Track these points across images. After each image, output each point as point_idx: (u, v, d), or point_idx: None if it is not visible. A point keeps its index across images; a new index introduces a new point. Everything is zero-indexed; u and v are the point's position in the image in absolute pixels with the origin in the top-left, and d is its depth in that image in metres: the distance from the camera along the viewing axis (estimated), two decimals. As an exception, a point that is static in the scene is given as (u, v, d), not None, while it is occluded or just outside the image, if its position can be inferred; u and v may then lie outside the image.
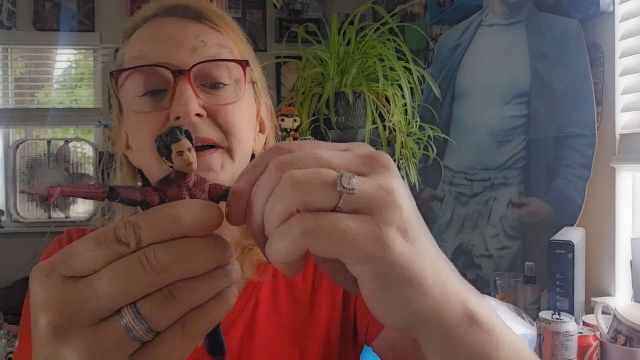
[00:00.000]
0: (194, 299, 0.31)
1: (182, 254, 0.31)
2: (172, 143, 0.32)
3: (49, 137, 3.69)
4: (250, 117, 0.66)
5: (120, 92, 0.63)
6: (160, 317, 0.31)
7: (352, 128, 1.69)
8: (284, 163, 0.32)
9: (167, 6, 0.65)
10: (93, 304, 0.30)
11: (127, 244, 0.31)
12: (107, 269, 0.30)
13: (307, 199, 0.31)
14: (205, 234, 0.32)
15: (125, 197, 0.32)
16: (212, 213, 0.32)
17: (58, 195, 0.30)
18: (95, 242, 0.31)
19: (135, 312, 0.30)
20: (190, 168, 0.33)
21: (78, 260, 0.31)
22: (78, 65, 3.78)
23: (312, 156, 0.33)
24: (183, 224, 0.31)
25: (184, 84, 0.58)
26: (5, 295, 3.15)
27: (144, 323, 0.30)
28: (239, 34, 0.68)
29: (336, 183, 0.31)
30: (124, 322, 0.30)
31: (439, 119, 2.13)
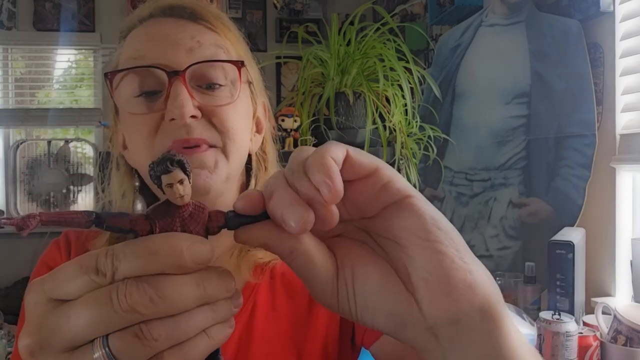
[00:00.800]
0: (167, 339, 0.29)
1: (153, 292, 0.28)
2: (162, 174, 0.30)
3: (49, 137, 3.69)
4: (246, 118, 0.66)
5: (115, 93, 0.63)
6: (129, 354, 0.29)
7: (352, 128, 1.69)
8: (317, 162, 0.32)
9: (163, 6, 0.65)
10: (65, 332, 0.29)
11: (104, 274, 0.29)
12: (82, 298, 0.29)
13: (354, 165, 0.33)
14: (188, 271, 0.30)
15: (112, 225, 0.30)
16: (197, 250, 0.30)
17: (35, 225, 0.29)
18: (78, 268, 0.30)
19: (106, 346, 0.29)
20: (181, 200, 0.31)
21: (60, 284, 0.30)
22: (78, 65, 3.78)
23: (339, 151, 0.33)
24: (160, 260, 0.29)
25: (178, 84, 0.57)
26: (5, 295, 3.15)
27: (112, 356, 0.29)
28: (235, 34, 0.67)
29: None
30: (95, 354, 0.29)
31: (439, 119, 2.13)
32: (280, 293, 0.68)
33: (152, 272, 0.29)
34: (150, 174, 0.31)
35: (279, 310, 0.67)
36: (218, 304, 0.31)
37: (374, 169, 0.33)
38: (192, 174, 0.32)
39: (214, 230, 0.32)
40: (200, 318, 0.30)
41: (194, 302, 0.30)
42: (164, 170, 0.30)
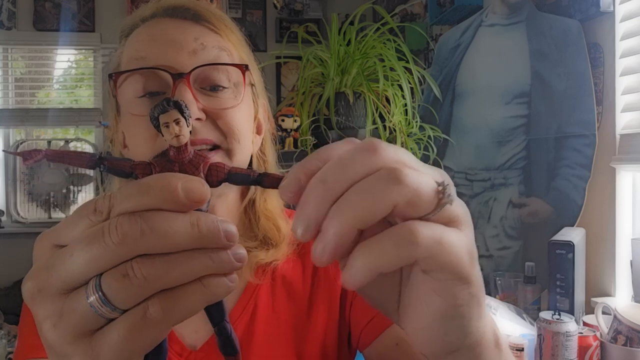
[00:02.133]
0: (156, 278, 0.28)
1: (145, 224, 0.28)
2: (160, 114, 0.30)
3: (49, 137, 3.69)
4: (248, 120, 0.66)
5: (118, 93, 0.63)
6: (118, 294, 0.28)
7: (352, 128, 1.69)
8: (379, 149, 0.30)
9: (166, 7, 0.65)
10: (60, 271, 0.29)
11: (100, 212, 0.29)
12: (77, 238, 0.29)
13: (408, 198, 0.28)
14: (182, 209, 0.29)
15: (113, 166, 0.31)
16: (192, 186, 0.29)
17: (41, 158, 0.29)
18: (78, 212, 0.30)
19: (99, 290, 0.29)
20: (178, 140, 0.31)
21: (63, 228, 0.30)
22: (78, 65, 3.78)
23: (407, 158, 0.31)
24: (154, 195, 0.28)
25: (183, 87, 0.58)
26: (5, 295, 3.15)
27: (107, 301, 0.29)
28: (238, 36, 0.67)
29: (439, 190, 0.29)
30: (89, 298, 0.29)
31: (439, 119, 2.13)
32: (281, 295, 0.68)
33: (146, 207, 0.29)
34: (149, 116, 0.31)
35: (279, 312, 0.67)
36: (216, 252, 0.30)
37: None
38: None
39: (214, 183, 0.32)
40: (194, 262, 0.29)
41: (187, 242, 0.29)
42: (162, 110, 0.30)
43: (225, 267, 0.30)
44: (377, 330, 0.66)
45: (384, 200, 0.28)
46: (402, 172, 0.28)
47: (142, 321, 0.29)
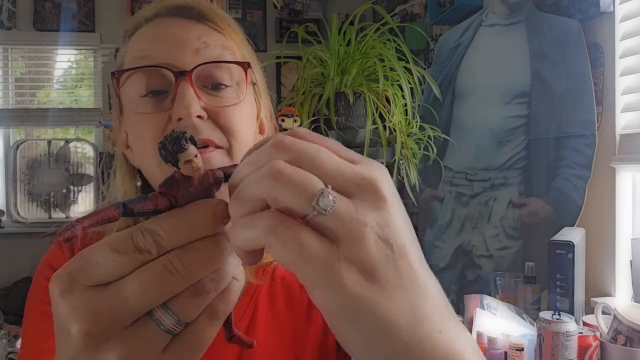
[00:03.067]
0: (217, 290, 0.33)
1: (204, 256, 0.32)
2: (179, 152, 0.33)
3: (49, 137, 3.69)
4: (250, 119, 0.66)
5: (121, 92, 0.63)
6: (190, 311, 0.33)
7: (352, 128, 1.69)
8: (281, 144, 0.31)
9: (169, 6, 0.65)
10: (125, 309, 0.31)
11: (148, 251, 0.32)
12: (134, 275, 0.31)
13: (280, 196, 0.30)
14: (218, 231, 0.33)
15: (139, 211, 0.33)
16: (222, 210, 0.33)
17: (81, 231, 0.31)
18: (114, 251, 0.31)
19: (166, 309, 0.32)
20: (198, 173, 0.34)
21: (100, 269, 0.32)
22: (78, 65, 3.78)
23: (310, 152, 0.31)
24: (199, 228, 0.32)
25: (185, 85, 0.58)
26: (5, 295, 3.15)
27: (174, 317, 0.32)
28: (240, 36, 0.68)
29: (314, 196, 0.29)
30: (155, 319, 0.32)
31: (439, 119, 2.13)
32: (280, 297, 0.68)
33: (193, 239, 0.32)
34: (163, 153, 0.33)
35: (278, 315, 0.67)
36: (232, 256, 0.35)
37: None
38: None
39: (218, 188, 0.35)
40: (232, 267, 0.34)
41: (228, 255, 0.34)
42: (180, 149, 0.32)
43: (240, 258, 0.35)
44: None
45: (259, 190, 0.30)
46: (282, 169, 0.30)
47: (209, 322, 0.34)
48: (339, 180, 0.30)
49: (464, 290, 1.96)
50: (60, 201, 3.62)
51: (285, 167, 0.30)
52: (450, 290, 2.13)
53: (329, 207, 0.29)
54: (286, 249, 0.29)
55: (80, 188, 3.66)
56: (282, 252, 0.30)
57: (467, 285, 2.05)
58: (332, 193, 0.29)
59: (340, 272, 0.29)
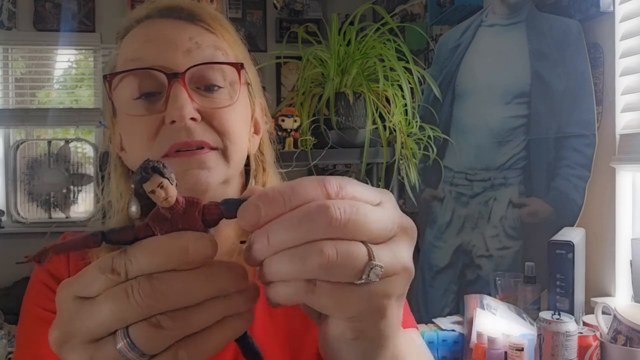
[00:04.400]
0: (182, 328, 0.32)
1: (164, 287, 0.31)
2: (143, 183, 0.32)
3: (49, 137, 3.69)
4: (244, 119, 0.66)
5: (114, 95, 0.63)
6: (148, 343, 0.31)
7: (352, 128, 1.69)
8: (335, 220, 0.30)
9: (160, 7, 0.65)
10: (90, 324, 0.32)
11: (118, 273, 0.32)
12: (103, 295, 0.32)
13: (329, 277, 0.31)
14: (195, 265, 0.32)
15: (116, 239, 0.33)
16: (200, 245, 0.32)
17: (51, 254, 0.33)
18: (98, 269, 0.33)
19: (127, 336, 0.31)
20: (167, 203, 0.32)
21: (84, 283, 0.33)
22: (78, 65, 3.79)
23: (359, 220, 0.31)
24: (168, 259, 0.31)
25: (178, 87, 0.57)
26: (5, 295, 3.15)
27: (135, 347, 0.31)
28: (233, 35, 0.67)
29: (363, 270, 0.31)
30: (118, 345, 0.32)
31: (439, 119, 2.13)
32: None
33: (162, 269, 0.31)
34: (135, 191, 0.32)
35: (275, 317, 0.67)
36: (231, 297, 0.33)
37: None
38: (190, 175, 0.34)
39: (212, 223, 0.34)
40: (212, 310, 0.32)
41: (205, 295, 0.32)
42: (143, 179, 0.31)
43: (239, 308, 0.34)
44: None
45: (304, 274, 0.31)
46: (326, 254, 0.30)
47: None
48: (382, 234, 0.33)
49: (464, 290, 1.96)
50: (60, 201, 3.63)
51: (333, 251, 0.30)
52: (450, 290, 2.13)
53: (377, 277, 0.31)
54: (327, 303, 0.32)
55: (80, 188, 3.66)
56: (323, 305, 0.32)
57: (467, 285, 2.05)
58: (379, 263, 0.31)
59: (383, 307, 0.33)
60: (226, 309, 0.33)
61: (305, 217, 0.31)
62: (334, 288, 0.31)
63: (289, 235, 0.31)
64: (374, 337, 0.35)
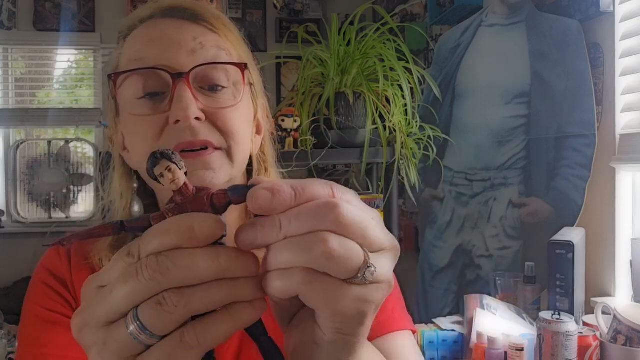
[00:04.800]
0: (186, 306, 0.32)
1: (170, 262, 0.32)
2: (153, 167, 0.34)
3: (49, 137, 3.69)
4: (247, 119, 0.66)
5: (117, 94, 0.63)
6: (156, 323, 0.32)
7: (352, 128, 1.69)
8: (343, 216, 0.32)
9: (163, 7, 0.65)
10: (104, 307, 0.34)
11: (132, 255, 0.34)
12: (116, 277, 0.34)
13: (327, 269, 0.32)
14: (201, 244, 0.33)
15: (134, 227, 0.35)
16: (206, 224, 0.33)
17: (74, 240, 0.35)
18: (117, 256, 0.35)
19: (137, 319, 0.33)
20: (175, 185, 0.35)
21: (104, 272, 0.35)
22: (78, 65, 3.79)
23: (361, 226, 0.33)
24: (171, 235, 0.33)
25: (182, 86, 0.58)
26: (5, 295, 3.15)
27: (146, 329, 0.33)
28: (236, 35, 0.67)
29: (359, 269, 0.33)
30: (129, 328, 0.33)
31: (439, 119, 2.13)
32: None
33: (169, 247, 0.33)
34: (147, 173, 0.35)
35: None
36: (239, 281, 0.34)
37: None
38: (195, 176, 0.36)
39: (221, 209, 0.35)
40: (216, 291, 0.33)
41: (210, 274, 0.33)
42: (153, 164, 0.34)
43: (247, 295, 0.34)
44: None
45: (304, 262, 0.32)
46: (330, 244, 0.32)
47: (179, 347, 0.33)
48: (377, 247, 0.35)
49: (464, 290, 1.96)
50: (60, 201, 3.62)
51: (336, 243, 0.32)
52: (450, 290, 2.13)
53: (370, 278, 0.33)
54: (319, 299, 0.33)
55: (80, 188, 3.66)
56: (314, 300, 0.33)
57: (467, 285, 2.05)
58: (373, 267, 0.33)
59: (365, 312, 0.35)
60: (231, 293, 0.34)
61: (317, 210, 0.32)
62: (330, 282, 0.32)
63: (300, 224, 0.32)
64: (349, 341, 0.36)
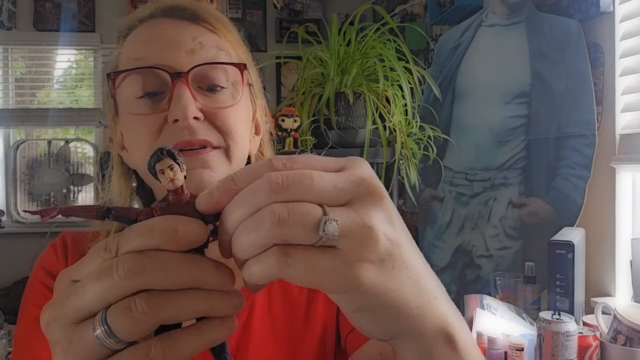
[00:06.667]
0: (154, 313, 0.31)
1: (146, 261, 0.31)
2: (155, 163, 0.34)
3: (49, 137, 3.69)
4: (246, 119, 0.66)
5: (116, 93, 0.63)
6: (123, 327, 0.31)
7: (352, 128, 1.69)
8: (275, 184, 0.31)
9: (163, 7, 0.65)
10: (74, 303, 0.32)
11: (110, 250, 0.32)
12: (89, 272, 0.32)
13: (287, 237, 0.31)
14: (182, 248, 0.32)
15: (120, 215, 0.34)
16: (190, 228, 0.32)
17: (56, 214, 0.33)
18: (93, 251, 0.33)
19: (105, 323, 0.31)
20: (172, 184, 0.34)
21: (80, 266, 0.34)
22: (78, 65, 3.78)
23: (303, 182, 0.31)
24: (154, 235, 0.31)
25: (181, 86, 0.58)
26: (5, 295, 3.15)
27: (112, 334, 0.31)
28: (235, 36, 0.67)
29: (319, 226, 0.30)
30: (96, 332, 0.31)
31: (439, 119, 2.13)
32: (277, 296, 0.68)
33: (149, 247, 0.31)
34: (148, 167, 0.34)
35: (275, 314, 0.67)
36: (212, 294, 0.32)
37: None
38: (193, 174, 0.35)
39: (210, 220, 0.34)
40: (190, 300, 0.32)
41: (185, 281, 0.31)
42: (157, 159, 0.34)
43: (219, 309, 0.33)
44: (363, 337, 0.65)
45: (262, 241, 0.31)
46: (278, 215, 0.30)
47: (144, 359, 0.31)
48: (337, 195, 0.32)
49: (464, 290, 1.96)
50: (60, 201, 3.62)
51: (283, 210, 0.30)
52: (450, 290, 2.13)
53: (335, 230, 0.31)
54: (301, 275, 0.31)
55: (80, 188, 3.66)
56: (300, 277, 0.31)
57: (467, 285, 2.05)
58: (333, 217, 0.31)
59: (356, 275, 0.31)
60: (204, 305, 0.32)
61: (251, 188, 0.32)
62: (305, 255, 0.31)
63: (241, 208, 0.31)
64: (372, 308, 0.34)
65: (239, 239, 0.32)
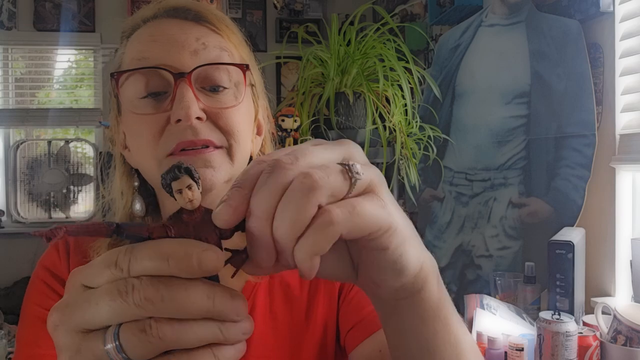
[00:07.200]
0: (171, 340, 0.31)
1: (166, 291, 0.31)
2: (172, 181, 0.32)
3: (49, 137, 3.69)
4: (248, 120, 0.66)
5: (120, 93, 0.63)
6: (136, 348, 0.31)
7: (352, 128, 1.69)
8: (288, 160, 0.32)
9: (167, 7, 0.65)
10: (85, 313, 0.32)
11: (121, 268, 0.32)
12: (103, 286, 0.32)
13: (327, 194, 0.31)
14: (196, 276, 0.31)
15: (131, 233, 0.33)
16: (206, 257, 0.31)
17: (63, 235, 0.31)
18: (103, 261, 0.33)
19: (117, 339, 0.31)
20: (191, 205, 0.32)
21: (90, 273, 0.33)
22: (78, 65, 3.78)
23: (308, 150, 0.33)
24: (172, 264, 0.31)
25: (184, 86, 0.58)
26: (5, 295, 3.15)
27: (122, 351, 0.31)
28: (238, 37, 0.68)
29: (345, 172, 0.32)
30: (107, 346, 0.31)
31: (439, 119, 2.13)
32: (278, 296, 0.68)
33: (164, 273, 0.31)
34: (162, 183, 0.33)
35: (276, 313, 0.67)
36: (226, 325, 0.32)
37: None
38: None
39: (227, 235, 0.33)
40: (205, 330, 0.32)
41: (201, 311, 0.31)
42: (173, 177, 0.32)
43: (232, 339, 0.33)
44: (362, 335, 0.65)
45: (309, 208, 0.31)
46: (312, 178, 0.31)
47: None
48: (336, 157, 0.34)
49: (464, 290, 1.96)
50: (60, 201, 3.62)
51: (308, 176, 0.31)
52: (450, 290, 2.13)
53: (360, 169, 0.33)
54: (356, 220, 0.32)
55: (80, 188, 3.66)
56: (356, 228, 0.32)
57: (467, 285, 2.05)
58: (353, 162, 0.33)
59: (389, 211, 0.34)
60: (218, 335, 0.32)
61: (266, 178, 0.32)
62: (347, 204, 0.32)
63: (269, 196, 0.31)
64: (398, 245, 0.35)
65: (281, 223, 0.31)
